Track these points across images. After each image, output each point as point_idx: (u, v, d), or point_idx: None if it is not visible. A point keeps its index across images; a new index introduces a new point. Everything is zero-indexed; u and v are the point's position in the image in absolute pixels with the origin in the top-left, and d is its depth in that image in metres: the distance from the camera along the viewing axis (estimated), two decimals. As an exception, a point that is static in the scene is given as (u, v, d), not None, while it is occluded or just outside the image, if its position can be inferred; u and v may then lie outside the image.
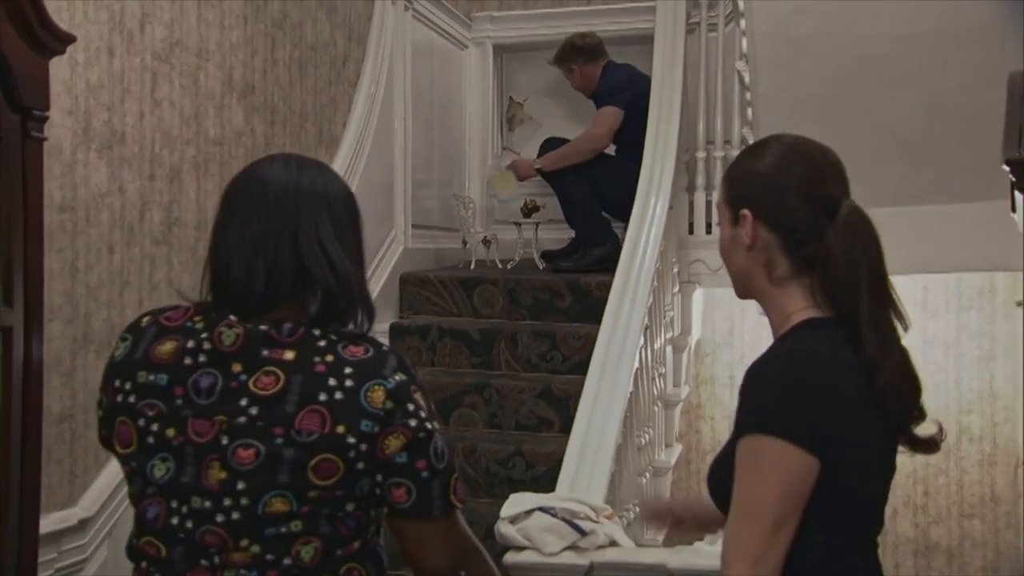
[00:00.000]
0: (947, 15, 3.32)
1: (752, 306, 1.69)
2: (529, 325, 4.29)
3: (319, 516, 1.44)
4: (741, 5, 3.82)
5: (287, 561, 1.43)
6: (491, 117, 5.71)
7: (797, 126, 1.69)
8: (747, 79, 3.95)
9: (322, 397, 1.42)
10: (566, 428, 3.63)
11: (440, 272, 4.70)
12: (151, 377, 1.47)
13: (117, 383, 1.50)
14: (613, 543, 2.56)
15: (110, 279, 2.85)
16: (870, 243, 1.49)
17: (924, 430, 1.50)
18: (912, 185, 3.71)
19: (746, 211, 1.53)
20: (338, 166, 4.10)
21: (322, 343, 1.46)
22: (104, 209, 2.82)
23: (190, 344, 1.47)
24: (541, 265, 4.80)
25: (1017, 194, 2.61)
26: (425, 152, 4.97)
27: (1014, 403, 5.28)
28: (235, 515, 1.42)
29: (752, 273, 1.55)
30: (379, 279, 4.42)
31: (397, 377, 1.44)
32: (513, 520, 2.57)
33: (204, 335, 1.47)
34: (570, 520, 2.53)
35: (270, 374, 1.43)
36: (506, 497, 2.70)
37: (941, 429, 1.53)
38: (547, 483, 3.10)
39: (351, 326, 1.53)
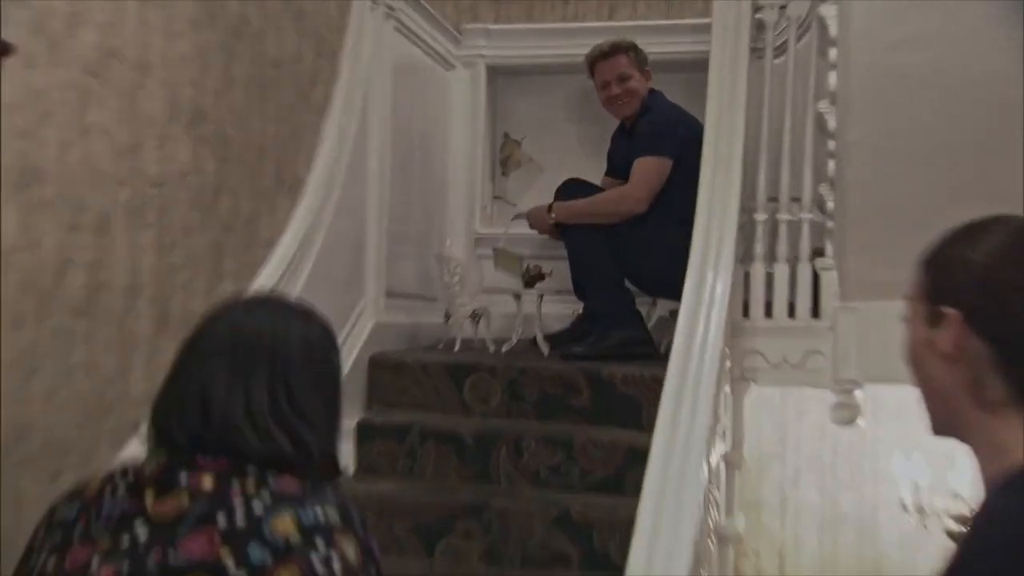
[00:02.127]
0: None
1: (812, 408, 1.54)
2: (537, 427, 4.11)
3: None
4: (832, 30, 3.72)
5: None
6: (481, 157, 5.57)
7: (900, 185, 1.55)
8: (831, 123, 3.84)
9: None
10: (588, 566, 3.44)
11: (422, 356, 4.50)
12: None
13: None
14: None
15: (12, 362, 2.62)
16: None
17: None
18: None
19: (951, 310, 1.39)
20: (300, 217, 3.94)
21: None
22: (12, 269, 2.60)
23: None
24: (545, 350, 4.63)
25: None
26: (403, 199, 4.83)
27: None
28: None
29: (951, 393, 1.42)
30: (345, 362, 4.21)
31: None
32: None
33: None
34: None
35: None
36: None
37: None
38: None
39: None
